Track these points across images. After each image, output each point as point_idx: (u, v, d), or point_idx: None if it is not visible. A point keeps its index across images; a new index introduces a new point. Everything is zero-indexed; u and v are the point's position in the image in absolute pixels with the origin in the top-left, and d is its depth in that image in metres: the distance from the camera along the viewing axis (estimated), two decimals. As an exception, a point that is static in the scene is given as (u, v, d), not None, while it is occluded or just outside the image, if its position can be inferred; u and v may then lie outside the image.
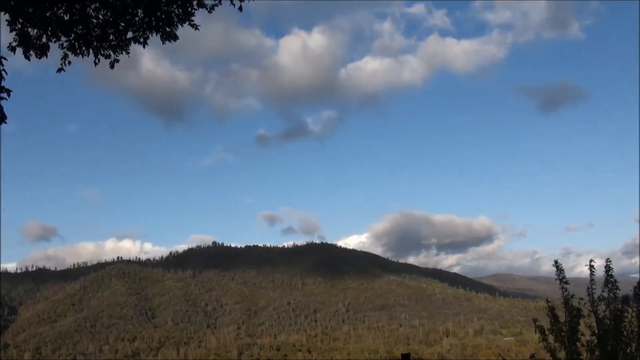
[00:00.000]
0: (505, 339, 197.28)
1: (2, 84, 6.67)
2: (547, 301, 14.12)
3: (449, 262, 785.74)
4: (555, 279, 13.65)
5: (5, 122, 6.64)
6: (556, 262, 13.73)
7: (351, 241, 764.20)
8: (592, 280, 13.43)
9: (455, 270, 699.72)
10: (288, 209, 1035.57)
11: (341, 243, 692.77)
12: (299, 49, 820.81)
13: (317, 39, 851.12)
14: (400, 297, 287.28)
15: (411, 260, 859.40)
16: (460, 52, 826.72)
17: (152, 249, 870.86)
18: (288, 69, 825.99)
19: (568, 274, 14.00)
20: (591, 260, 13.57)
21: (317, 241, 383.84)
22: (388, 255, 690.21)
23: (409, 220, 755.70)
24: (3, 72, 6.70)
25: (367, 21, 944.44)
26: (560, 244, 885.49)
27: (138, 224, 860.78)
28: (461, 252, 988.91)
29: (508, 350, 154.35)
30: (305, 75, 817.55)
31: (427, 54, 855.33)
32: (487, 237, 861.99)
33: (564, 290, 13.47)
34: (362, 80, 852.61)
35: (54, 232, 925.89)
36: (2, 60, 6.71)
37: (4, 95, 6.67)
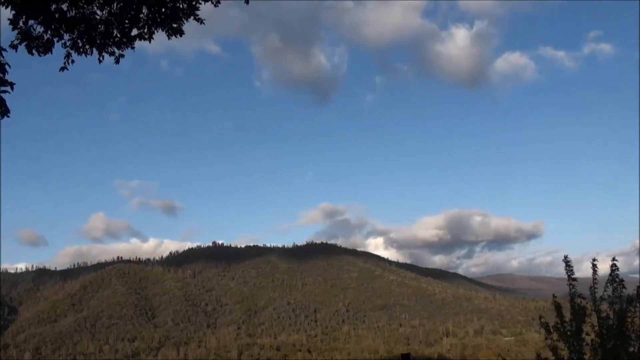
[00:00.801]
0: (505, 339, 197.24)
1: (5, 77, 6.63)
2: (554, 296, 14.01)
3: (477, 261, 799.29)
4: (565, 276, 13.55)
5: (8, 116, 6.60)
6: (566, 257, 13.62)
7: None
8: (594, 279, 13.38)
9: (480, 268, 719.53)
10: (352, 203, 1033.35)
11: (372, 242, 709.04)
12: (457, 41, 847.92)
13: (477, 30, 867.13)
14: (400, 297, 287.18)
15: (441, 257, 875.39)
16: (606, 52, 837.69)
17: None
18: (438, 61, 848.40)
19: (584, 274, 13.92)
20: (594, 259, 13.52)
21: (318, 241, 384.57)
22: (431, 250, 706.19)
23: (460, 217, 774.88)
24: (6, 66, 6.66)
25: (528, 14, 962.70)
26: (584, 243, 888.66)
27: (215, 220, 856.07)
28: (505, 251, 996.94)
29: (508, 350, 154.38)
30: (452, 68, 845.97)
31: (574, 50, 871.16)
32: (533, 237, 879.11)
33: (571, 287, 13.39)
34: (504, 74, 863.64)
35: (126, 227, 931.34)
36: (2, 52, 6.66)
37: (7, 88, 6.63)
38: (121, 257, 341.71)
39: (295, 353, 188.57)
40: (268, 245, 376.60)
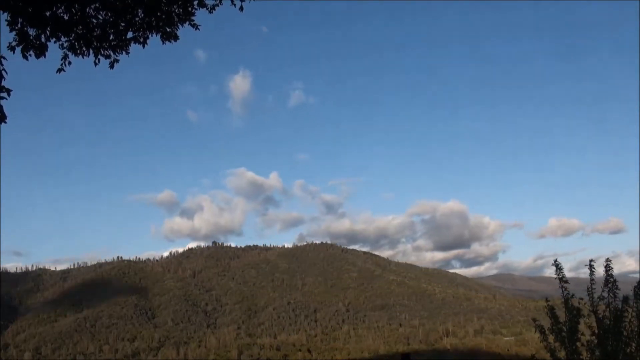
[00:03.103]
0: (505, 339, 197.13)
1: (3, 84, 6.66)
2: (547, 300, 14.11)
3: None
4: (555, 278, 13.64)
5: (5, 122, 6.63)
6: (555, 261, 13.74)
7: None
8: (592, 280, 13.44)
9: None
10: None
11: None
12: None
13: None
14: (400, 297, 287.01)
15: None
16: None
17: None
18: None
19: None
20: (591, 260, 13.59)
21: (317, 241, 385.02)
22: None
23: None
24: (3, 72, 6.69)
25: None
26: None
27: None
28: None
29: (508, 350, 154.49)
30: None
31: None
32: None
33: (563, 289, 13.48)
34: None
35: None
36: (2, 59, 6.70)
37: (4, 94, 6.65)
38: (121, 257, 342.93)
39: (295, 353, 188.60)
40: (268, 245, 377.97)
